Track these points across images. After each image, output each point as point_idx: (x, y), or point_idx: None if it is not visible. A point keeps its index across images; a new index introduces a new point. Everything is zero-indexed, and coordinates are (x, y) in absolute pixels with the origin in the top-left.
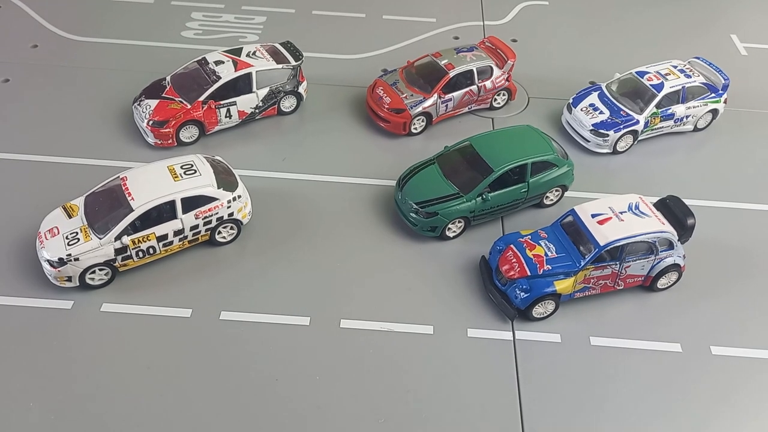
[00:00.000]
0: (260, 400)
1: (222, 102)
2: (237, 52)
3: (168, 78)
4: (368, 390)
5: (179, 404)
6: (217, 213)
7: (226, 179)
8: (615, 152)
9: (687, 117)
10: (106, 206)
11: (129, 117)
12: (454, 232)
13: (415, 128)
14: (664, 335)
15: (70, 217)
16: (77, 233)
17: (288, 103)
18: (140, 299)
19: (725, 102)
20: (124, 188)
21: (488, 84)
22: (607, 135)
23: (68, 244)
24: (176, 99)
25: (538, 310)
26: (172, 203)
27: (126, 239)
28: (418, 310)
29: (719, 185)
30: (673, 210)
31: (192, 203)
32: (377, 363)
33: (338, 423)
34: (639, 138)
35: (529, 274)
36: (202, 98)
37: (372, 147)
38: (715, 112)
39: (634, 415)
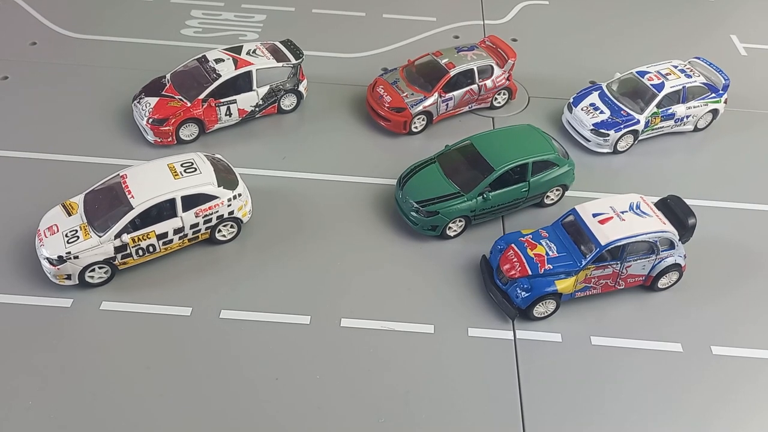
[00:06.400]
0: (260, 400)
1: (222, 100)
2: (237, 50)
3: (168, 76)
4: (368, 389)
5: (179, 403)
6: (217, 211)
7: (226, 177)
8: (615, 152)
9: (687, 117)
10: (105, 204)
11: (129, 115)
12: (455, 231)
13: (416, 127)
14: (665, 335)
15: (69, 214)
16: (77, 231)
17: (288, 102)
18: (140, 297)
19: (725, 102)
20: (123, 186)
21: (489, 83)
22: (608, 134)
23: (68, 242)
24: (176, 97)
25: (538, 310)
26: (173, 201)
27: (126, 237)
28: (419, 310)
29: (720, 185)
30: (674, 210)
31: (192, 201)
32: (377, 362)
33: (338, 423)
34: (639, 138)
35: (530, 273)
36: (202, 96)
37: (372, 146)
38: (715, 112)
39: (635, 415)
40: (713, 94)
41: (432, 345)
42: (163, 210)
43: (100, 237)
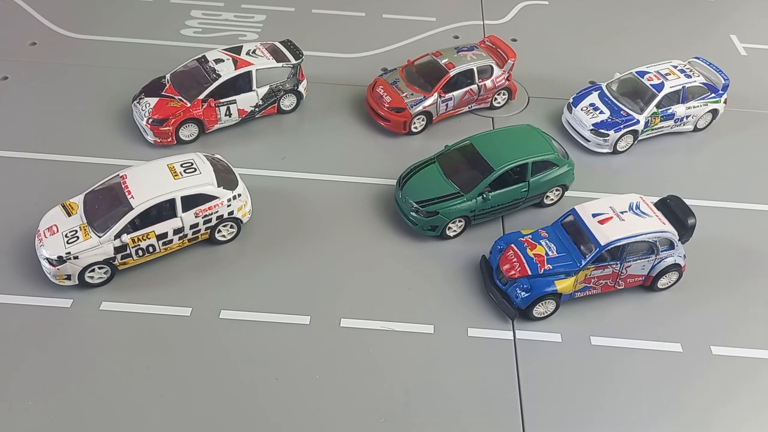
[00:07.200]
0: (260, 400)
1: (222, 100)
2: (237, 50)
3: (168, 76)
4: (368, 390)
5: (178, 403)
6: (217, 211)
7: (226, 178)
8: (615, 152)
9: (687, 117)
10: (105, 204)
11: (128, 115)
12: (455, 231)
13: (416, 127)
14: (665, 335)
15: (69, 215)
16: (76, 231)
17: (288, 102)
18: (140, 298)
19: (725, 102)
20: (123, 186)
21: (488, 83)
22: (608, 135)
23: (68, 243)
24: (176, 97)
25: (538, 310)
26: (172, 201)
27: (125, 237)
28: (419, 310)
29: (719, 185)
30: (674, 210)
31: (192, 201)
32: (377, 362)
33: (338, 423)
34: (639, 138)
35: (529, 273)
36: (201, 96)
37: (372, 146)
38: (715, 112)
39: (635, 415)
40: (713, 94)
41: (432, 345)
42: (163, 210)
43: (99, 237)
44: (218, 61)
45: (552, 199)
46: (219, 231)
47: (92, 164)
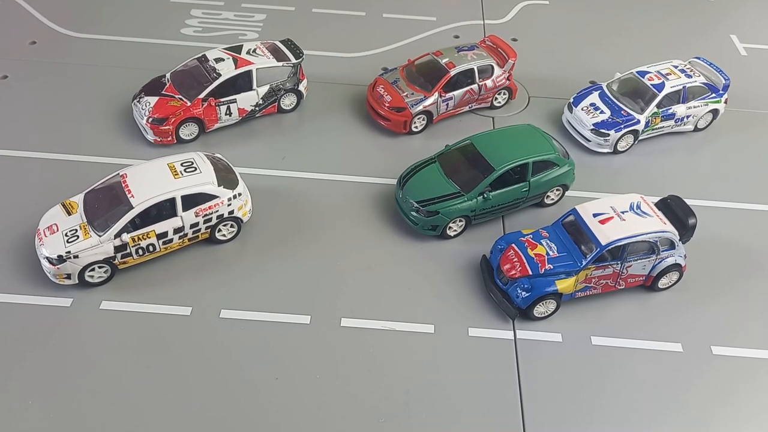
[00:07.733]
0: (260, 400)
1: (222, 99)
2: (237, 49)
3: (168, 75)
4: (368, 390)
5: (179, 403)
6: (217, 211)
7: (226, 177)
8: (616, 152)
9: (688, 117)
10: (105, 203)
11: (128, 114)
12: (455, 231)
13: (416, 127)
14: (665, 335)
15: (69, 214)
16: (77, 230)
17: (288, 101)
18: (140, 297)
19: (726, 102)
20: (123, 185)
21: (489, 83)
22: (608, 134)
23: (67, 242)
24: (176, 96)
25: (539, 310)
26: (173, 201)
27: (126, 237)
28: (419, 309)
29: (720, 185)
30: (675, 210)
31: (192, 201)
32: (377, 362)
33: (338, 423)
34: (640, 138)
35: (530, 273)
36: (202, 95)
37: (372, 145)
38: (715, 112)
39: (635, 415)
40: (713, 94)
41: (432, 345)
42: (163, 209)
43: (99, 236)
44: (218, 60)
45: (552, 199)
46: (219, 230)
47: (92, 163)
